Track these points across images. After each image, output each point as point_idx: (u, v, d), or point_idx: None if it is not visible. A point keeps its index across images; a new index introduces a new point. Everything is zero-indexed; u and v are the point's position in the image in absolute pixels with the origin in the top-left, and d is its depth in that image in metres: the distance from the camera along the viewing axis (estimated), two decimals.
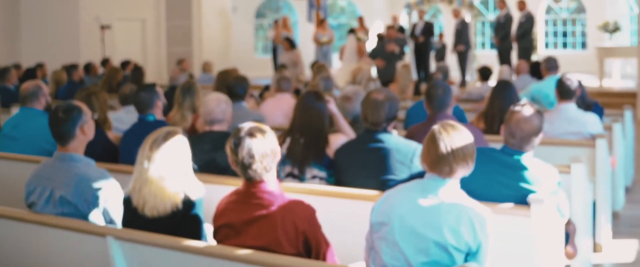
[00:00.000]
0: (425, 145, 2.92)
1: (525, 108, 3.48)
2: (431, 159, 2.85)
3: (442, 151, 2.82)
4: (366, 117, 4.01)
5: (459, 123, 3.04)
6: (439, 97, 4.68)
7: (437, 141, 2.85)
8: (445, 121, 2.99)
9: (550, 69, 7.66)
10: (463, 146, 2.85)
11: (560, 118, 5.45)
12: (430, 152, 2.86)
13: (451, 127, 2.89)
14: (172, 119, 5.97)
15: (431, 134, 2.92)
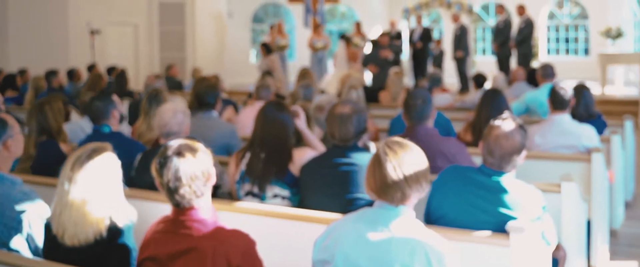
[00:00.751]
0: (370, 169, 2.52)
1: (506, 122, 3.07)
2: (378, 185, 2.45)
3: (391, 174, 2.42)
4: (333, 133, 3.62)
5: (429, 133, 2.63)
6: (417, 108, 4.28)
7: (383, 164, 2.45)
8: (392, 139, 2.58)
9: (547, 76, 7.25)
10: (414, 166, 2.45)
11: (553, 130, 5.03)
12: (376, 177, 2.47)
13: (399, 146, 2.49)
14: (138, 129, 5.58)
15: (376, 156, 2.52)
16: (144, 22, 17.60)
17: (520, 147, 3.01)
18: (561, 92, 5.05)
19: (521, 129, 3.04)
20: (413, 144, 2.54)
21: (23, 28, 15.01)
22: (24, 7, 14.96)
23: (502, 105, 5.20)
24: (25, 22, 15.00)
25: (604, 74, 14.61)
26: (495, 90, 5.33)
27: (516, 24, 13.92)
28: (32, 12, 15.09)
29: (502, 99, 5.22)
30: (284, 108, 3.98)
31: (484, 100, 5.27)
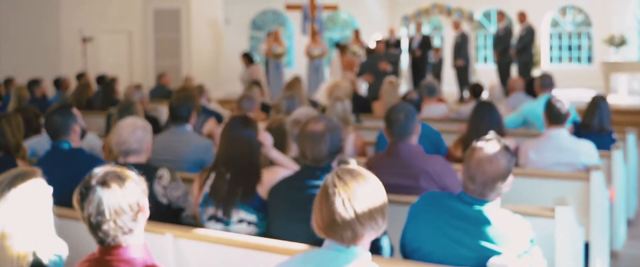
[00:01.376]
0: (317, 203, 2.19)
1: (490, 144, 2.72)
2: (326, 222, 2.12)
3: (340, 210, 2.08)
4: (304, 153, 3.28)
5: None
6: (400, 124, 3.93)
7: (331, 198, 2.11)
8: (344, 167, 2.23)
9: (545, 86, 6.90)
10: (368, 200, 2.11)
11: (549, 146, 4.68)
12: (323, 213, 2.13)
13: (350, 176, 2.15)
14: (109, 143, 5.24)
15: (323, 188, 2.17)
16: (139, 29, 17.31)
17: (505, 172, 2.65)
18: (557, 105, 4.70)
19: (507, 151, 2.69)
20: (369, 174, 2.20)
21: (14, 36, 14.73)
22: (14, 15, 14.68)
23: (494, 118, 4.87)
24: (16, 29, 14.72)
25: (607, 83, 14.26)
26: (487, 103, 4.99)
27: (517, 31, 13.58)
28: (23, 20, 14.82)
29: (495, 112, 4.88)
30: (250, 124, 3.64)
31: (475, 113, 4.94)
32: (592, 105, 5.76)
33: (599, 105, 5.72)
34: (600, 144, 5.54)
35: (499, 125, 4.84)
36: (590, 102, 5.82)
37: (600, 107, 5.70)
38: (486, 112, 4.86)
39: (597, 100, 5.77)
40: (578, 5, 20.20)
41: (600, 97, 5.83)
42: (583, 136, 5.64)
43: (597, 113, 5.67)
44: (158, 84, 12.90)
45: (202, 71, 17.45)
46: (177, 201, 3.76)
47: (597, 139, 5.65)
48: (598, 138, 5.67)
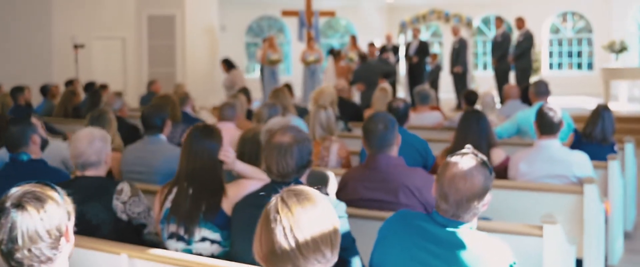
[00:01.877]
0: (258, 229, 1.92)
1: (465, 159, 2.45)
2: (265, 251, 1.86)
3: (280, 240, 1.82)
4: (270, 167, 3.03)
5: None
6: (378, 134, 3.68)
7: (271, 225, 1.85)
8: (292, 188, 1.97)
9: (540, 94, 6.63)
10: (314, 229, 1.84)
11: (540, 158, 4.42)
12: (263, 241, 1.87)
13: (296, 200, 1.87)
14: None
15: (265, 213, 1.91)
16: (132, 35, 17.08)
17: (481, 190, 2.39)
18: (549, 114, 4.43)
19: (484, 167, 2.43)
20: (320, 198, 1.93)
21: (5, 42, 14.50)
22: (5, 21, 14.46)
23: (483, 128, 4.61)
24: (7, 36, 14.50)
25: (607, 90, 13.99)
26: (475, 112, 4.73)
27: (515, 37, 13.33)
28: (14, 27, 14.60)
29: (483, 121, 4.62)
30: (212, 135, 3.39)
31: (462, 122, 4.68)
32: (595, 114, 5.55)
33: (602, 115, 5.50)
34: (601, 154, 5.30)
35: (488, 136, 4.58)
36: (594, 111, 5.61)
37: (603, 117, 5.47)
38: (474, 122, 4.60)
39: (601, 110, 5.56)
40: (579, 11, 19.99)
41: (603, 107, 5.63)
42: (584, 145, 5.39)
43: (599, 123, 5.45)
44: (149, 91, 12.66)
45: (197, 78, 17.24)
46: (138, 217, 3.50)
47: (598, 149, 5.41)
48: (599, 148, 5.43)
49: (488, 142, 4.58)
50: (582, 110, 14.09)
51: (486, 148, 4.54)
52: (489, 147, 4.61)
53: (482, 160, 2.44)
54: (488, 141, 4.58)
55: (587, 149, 5.27)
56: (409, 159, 4.97)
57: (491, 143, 4.61)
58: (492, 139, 4.62)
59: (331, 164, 5.23)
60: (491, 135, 4.63)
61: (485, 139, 4.55)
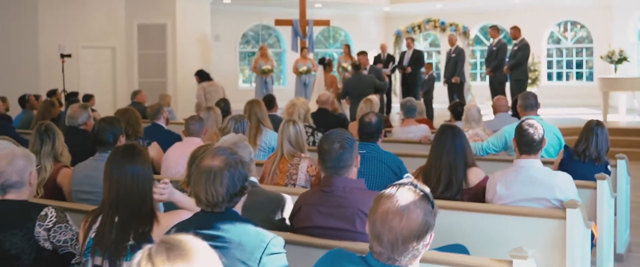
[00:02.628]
0: None
1: (401, 192, 2.07)
2: None
3: None
4: (198, 195, 2.67)
5: None
6: (333, 155, 3.32)
7: None
8: (167, 239, 1.57)
9: (528, 107, 6.27)
10: None
11: (519, 179, 4.04)
12: None
13: (165, 256, 1.49)
14: None
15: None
16: (122, 45, 16.77)
17: (421, 229, 2.00)
18: (529, 131, 4.06)
19: (424, 201, 2.04)
20: (200, 251, 1.55)
21: None
22: None
23: (458, 145, 4.24)
24: None
25: (606, 101, 13.61)
26: (449, 127, 4.36)
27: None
28: (0, 36, 14.32)
29: (460, 137, 4.25)
30: (135, 156, 3.03)
31: (436, 139, 4.32)
32: (587, 131, 5.16)
33: (595, 131, 5.12)
34: (593, 174, 4.94)
35: (465, 153, 4.21)
36: (585, 128, 5.22)
37: (596, 134, 5.10)
38: (449, 138, 4.23)
39: (593, 126, 5.17)
40: (579, 21, 19.62)
41: (596, 123, 5.22)
42: (575, 164, 5.02)
43: (593, 140, 5.08)
44: (133, 101, 12.34)
45: (189, 88, 16.88)
46: (65, 246, 3.15)
47: (591, 168, 5.05)
48: (591, 168, 5.07)
49: (465, 161, 4.22)
50: (582, 122, 13.72)
51: (463, 167, 4.18)
52: (467, 166, 4.24)
53: (422, 192, 2.06)
54: (465, 159, 4.21)
55: (579, 168, 4.93)
56: (382, 179, 4.62)
57: (468, 161, 4.24)
58: (470, 157, 4.25)
59: (300, 182, 4.88)
60: (468, 152, 4.26)
61: (462, 156, 4.19)
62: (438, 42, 21.36)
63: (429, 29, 16.81)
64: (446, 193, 4.12)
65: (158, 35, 16.99)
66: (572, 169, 4.70)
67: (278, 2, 18.85)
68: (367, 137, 4.82)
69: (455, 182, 4.11)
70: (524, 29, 18.00)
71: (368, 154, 4.74)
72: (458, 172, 4.14)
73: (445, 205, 4.00)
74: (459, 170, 4.15)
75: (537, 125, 4.09)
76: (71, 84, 14.87)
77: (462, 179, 4.13)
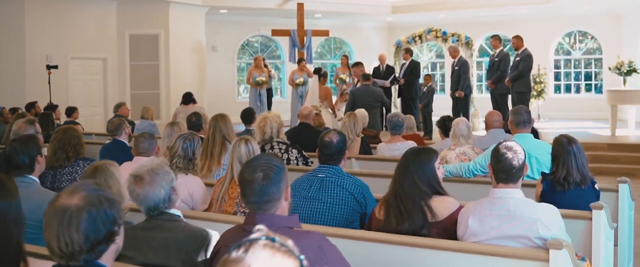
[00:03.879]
0: None
1: (254, 252, 1.41)
2: None
3: None
4: (50, 243, 2.08)
5: None
6: (255, 187, 2.70)
7: None
8: None
9: (520, 123, 5.63)
10: None
11: (495, 213, 3.38)
12: None
13: None
14: None
15: None
16: (114, 56, 16.28)
17: None
18: (507, 155, 3.42)
19: (291, 258, 1.43)
20: None
21: None
22: None
23: (426, 172, 3.60)
24: None
25: (615, 114, 12.93)
26: (419, 151, 3.70)
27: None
28: None
29: (426, 163, 3.61)
30: (6, 192, 2.45)
31: (400, 163, 3.68)
32: (561, 153, 4.45)
33: (571, 151, 4.45)
34: (582, 200, 4.31)
35: (430, 180, 3.57)
36: (558, 149, 4.50)
37: (573, 153, 4.44)
38: (412, 162, 3.59)
39: (566, 146, 4.48)
40: (588, 32, 18.94)
41: (567, 141, 4.51)
42: (559, 195, 4.36)
43: (571, 162, 4.40)
44: (116, 114, 11.77)
45: None
46: None
47: (578, 195, 4.40)
48: (579, 193, 4.42)
49: (432, 189, 3.58)
50: (588, 136, 13.07)
51: (428, 195, 3.54)
52: (435, 194, 3.59)
53: (282, 248, 1.44)
54: (432, 187, 3.57)
55: (564, 197, 4.28)
56: (342, 209, 4.02)
57: (437, 189, 3.60)
58: (437, 186, 3.60)
59: None
60: (436, 181, 3.60)
61: (427, 184, 3.55)
62: (443, 52, 20.72)
63: (430, 39, 16.14)
64: (410, 227, 3.48)
65: (150, 46, 16.47)
66: (557, 200, 4.05)
67: (277, 12, 18.29)
68: (327, 159, 4.20)
69: (420, 214, 3.48)
70: (530, 39, 17.37)
71: (327, 179, 4.13)
72: (424, 202, 3.51)
73: (409, 241, 3.39)
74: (425, 199, 3.52)
75: (516, 148, 3.45)
76: (59, 96, 14.38)
77: (429, 211, 3.50)
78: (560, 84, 19.45)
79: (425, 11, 18.62)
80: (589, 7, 16.88)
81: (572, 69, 19.44)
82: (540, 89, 16.49)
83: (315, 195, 4.09)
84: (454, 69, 13.54)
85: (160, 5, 16.07)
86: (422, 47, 21.07)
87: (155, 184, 3.11)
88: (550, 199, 4.18)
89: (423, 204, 3.49)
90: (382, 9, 19.17)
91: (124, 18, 16.17)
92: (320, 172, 4.18)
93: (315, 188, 4.11)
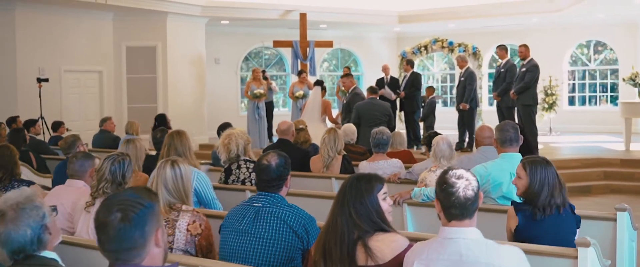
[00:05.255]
0: None
1: None
2: None
3: None
4: None
5: None
6: (112, 233, 2.10)
7: None
8: None
9: (506, 142, 4.98)
10: None
11: (445, 257, 2.72)
12: None
13: None
14: None
15: None
16: (110, 68, 15.83)
17: None
18: (456, 186, 2.77)
19: None
20: None
21: None
22: None
23: (369, 202, 2.97)
24: None
25: (629, 128, 12.20)
26: (356, 179, 3.07)
27: None
28: None
29: (367, 193, 2.98)
30: None
31: (338, 193, 3.06)
32: (537, 177, 3.77)
33: (548, 174, 3.79)
34: (563, 229, 3.68)
35: (369, 215, 2.93)
36: (533, 174, 3.79)
37: (547, 175, 3.78)
38: (352, 194, 2.97)
39: (543, 169, 3.82)
40: (603, 41, 18.18)
41: (541, 163, 3.84)
42: (538, 226, 3.70)
43: (552, 185, 3.74)
44: (101, 129, 11.30)
45: (182, 113, 15.87)
46: None
47: (557, 222, 3.73)
48: (557, 221, 3.74)
49: (374, 225, 2.95)
50: (601, 151, 12.34)
51: (368, 233, 2.92)
52: (378, 230, 2.96)
53: None
54: (373, 223, 2.94)
55: (544, 230, 3.63)
56: (280, 244, 3.44)
57: (380, 225, 2.96)
58: (381, 219, 2.96)
59: (178, 245, 3.66)
60: (377, 212, 2.97)
61: (367, 218, 2.92)
62: (454, 63, 20.05)
63: (436, 49, 15.48)
64: None
65: (148, 58, 16.00)
66: (538, 233, 3.41)
67: (281, 23, 17.75)
68: (265, 185, 3.59)
69: (351, 255, 2.86)
70: (543, 49, 16.70)
71: (264, 209, 3.51)
72: (362, 242, 2.89)
73: None
74: (364, 238, 2.90)
75: (467, 175, 2.80)
76: (52, 110, 13.96)
77: (367, 252, 2.87)
78: (575, 95, 18.68)
79: (433, 21, 17.97)
80: (603, 15, 16.13)
81: (587, 80, 18.67)
82: (551, 101, 15.75)
83: (247, 228, 3.48)
84: (460, 80, 12.88)
85: (157, 16, 15.59)
86: (432, 58, 20.46)
87: (20, 222, 2.54)
88: (528, 232, 3.55)
89: (361, 244, 2.87)
90: (389, 18, 18.54)
91: (120, 29, 15.73)
92: (256, 200, 3.57)
93: (248, 220, 3.50)
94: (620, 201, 4.83)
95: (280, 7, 16.95)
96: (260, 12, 16.96)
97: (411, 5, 18.07)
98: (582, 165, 11.27)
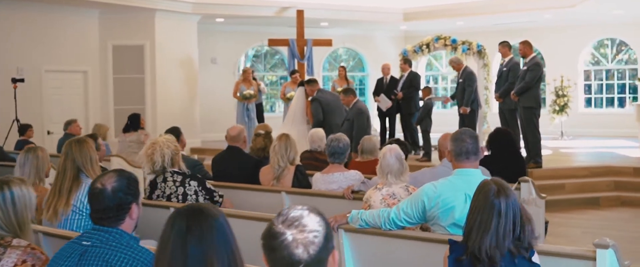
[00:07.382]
0: None
1: None
2: None
3: None
4: None
5: None
6: None
7: None
8: None
9: (461, 154, 3.99)
10: None
11: None
12: None
13: None
14: None
15: None
16: (95, 68, 15.05)
17: None
18: (279, 240, 1.80)
19: None
20: None
21: None
22: None
23: (207, 252, 2.06)
24: None
25: None
26: (194, 212, 2.15)
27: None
28: None
29: (207, 236, 2.07)
30: None
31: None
32: (480, 206, 2.85)
33: (494, 206, 2.85)
34: None
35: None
36: (477, 200, 2.89)
37: (514, 208, 2.86)
38: (189, 238, 2.04)
39: (489, 196, 2.88)
40: (621, 40, 17.03)
41: (496, 188, 2.91)
42: None
43: (493, 223, 2.80)
44: (66, 132, 10.51)
45: (172, 115, 15.03)
46: None
47: None
48: None
49: None
50: (614, 158, 11.31)
51: None
52: None
53: None
54: None
55: None
56: None
57: None
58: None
59: None
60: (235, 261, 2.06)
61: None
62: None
63: (439, 47, 14.45)
64: None
65: (135, 58, 15.20)
66: None
67: (279, 21, 16.86)
68: (99, 217, 2.69)
69: None
70: (557, 48, 15.58)
71: (91, 249, 2.61)
72: None
73: None
74: None
75: (307, 222, 1.85)
76: (32, 112, 13.21)
77: None
78: (591, 97, 17.55)
79: (440, 18, 17.00)
80: (620, 12, 14.99)
81: (604, 81, 17.51)
82: (563, 103, 14.67)
83: None
84: (459, 82, 11.90)
85: (145, 14, 14.79)
86: (441, 57, 19.47)
87: None
88: None
89: None
90: (393, 16, 17.56)
91: (106, 28, 14.96)
92: (86, 238, 2.67)
93: (71, 263, 2.61)
94: (631, 216, 3.86)
95: (277, 4, 16.07)
96: (256, 9, 16.09)
97: (416, 1, 17.10)
98: (591, 174, 10.24)
